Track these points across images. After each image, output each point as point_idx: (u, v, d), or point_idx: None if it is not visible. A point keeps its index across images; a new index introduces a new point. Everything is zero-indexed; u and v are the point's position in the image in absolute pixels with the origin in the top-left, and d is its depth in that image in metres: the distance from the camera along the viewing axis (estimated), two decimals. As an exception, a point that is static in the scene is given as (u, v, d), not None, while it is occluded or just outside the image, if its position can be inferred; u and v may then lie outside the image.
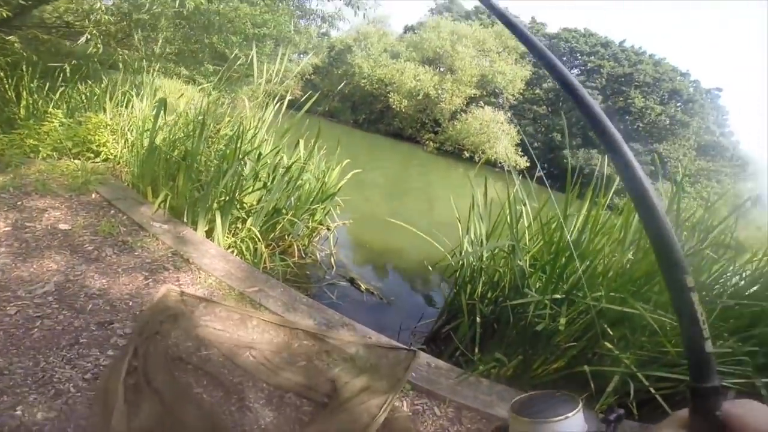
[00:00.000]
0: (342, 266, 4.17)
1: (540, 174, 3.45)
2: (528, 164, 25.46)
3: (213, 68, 7.34)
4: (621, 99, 28.93)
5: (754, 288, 2.51)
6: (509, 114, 27.82)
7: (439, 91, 27.92)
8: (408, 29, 39.27)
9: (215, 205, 3.35)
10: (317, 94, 4.82)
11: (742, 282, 2.65)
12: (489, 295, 2.92)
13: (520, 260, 2.63)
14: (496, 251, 3.03)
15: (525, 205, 3.18)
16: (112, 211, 3.25)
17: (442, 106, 27.88)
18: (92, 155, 4.22)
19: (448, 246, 3.35)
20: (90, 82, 4.96)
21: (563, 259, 2.51)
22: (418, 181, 15.49)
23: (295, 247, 4.00)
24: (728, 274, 2.71)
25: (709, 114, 30.23)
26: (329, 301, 3.39)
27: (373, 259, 5.20)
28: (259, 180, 3.81)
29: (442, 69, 31.10)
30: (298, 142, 4.29)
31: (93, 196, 3.42)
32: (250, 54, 4.28)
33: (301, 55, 31.43)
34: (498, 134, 24.60)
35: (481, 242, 3.15)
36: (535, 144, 28.56)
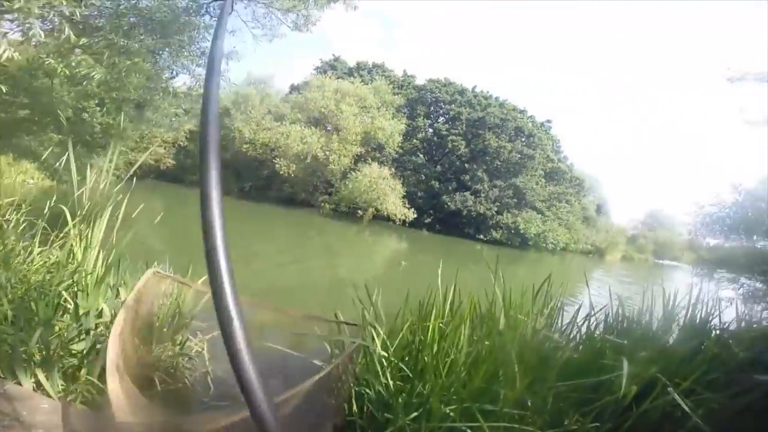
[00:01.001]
0: (221, 383, 3.31)
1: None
2: (415, 215, 27.79)
3: (58, 138, 6.57)
4: (479, 141, 33.22)
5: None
6: (392, 168, 29.89)
7: (327, 152, 28.75)
8: (294, 89, 39.69)
9: (36, 357, 2.68)
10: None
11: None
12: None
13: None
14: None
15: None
16: None
17: (331, 167, 28.69)
18: None
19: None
20: None
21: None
22: (315, 248, 15.56)
23: (156, 378, 3.16)
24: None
25: (547, 144, 36.79)
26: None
27: (269, 360, 4.97)
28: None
29: (328, 128, 32.17)
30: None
31: None
32: (104, 121, 3.75)
33: (173, 120, 29.27)
34: (386, 190, 26.26)
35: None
36: (419, 194, 31.18)
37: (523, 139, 34.35)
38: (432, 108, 37.14)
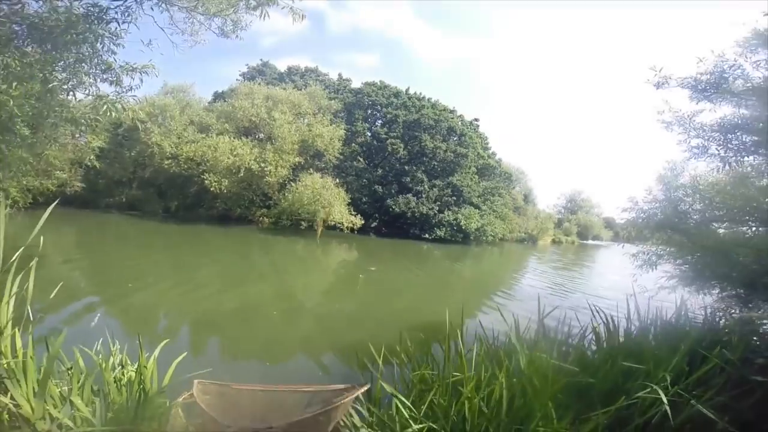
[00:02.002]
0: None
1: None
2: (363, 221, 27.30)
3: None
4: (416, 143, 33.83)
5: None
6: (335, 177, 29.07)
7: (262, 164, 27.00)
8: (218, 96, 36.89)
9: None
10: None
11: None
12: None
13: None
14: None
15: None
16: None
17: (268, 179, 27.02)
18: None
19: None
20: None
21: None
22: (261, 267, 14.33)
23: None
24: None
25: (477, 142, 38.64)
26: None
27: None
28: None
29: (261, 137, 30.27)
30: None
31: None
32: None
33: (78, 136, 25.71)
34: (330, 199, 25.41)
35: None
36: (363, 199, 30.80)
37: (455, 138, 35.65)
38: (369, 111, 36.98)
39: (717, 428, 2.53)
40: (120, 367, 2.97)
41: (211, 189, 25.89)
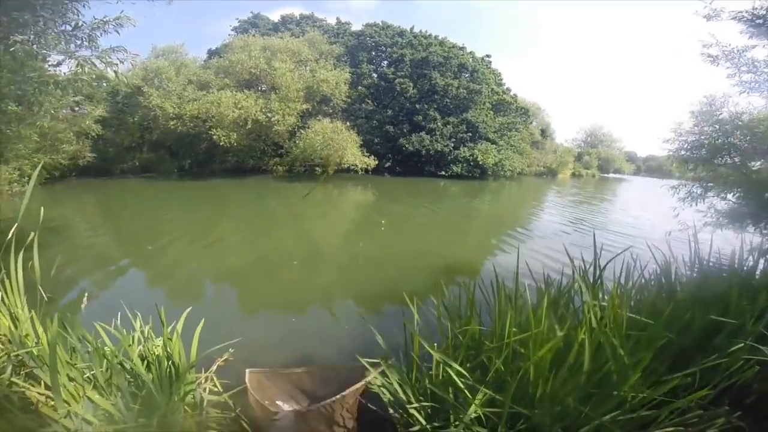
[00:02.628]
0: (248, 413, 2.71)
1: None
2: (376, 161, 26.53)
3: None
4: (426, 81, 32.37)
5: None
6: (344, 120, 28.09)
7: (269, 114, 26.12)
8: (213, 54, 35.36)
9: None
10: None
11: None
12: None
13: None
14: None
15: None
16: None
17: (277, 129, 26.24)
18: None
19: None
20: None
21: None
22: (278, 214, 14.04)
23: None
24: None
25: (490, 78, 36.83)
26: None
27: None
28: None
29: (263, 89, 29.22)
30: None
31: None
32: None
33: (78, 109, 25.22)
34: (342, 143, 24.59)
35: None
36: (375, 140, 29.85)
37: (467, 75, 34.14)
38: (374, 53, 35.28)
39: None
40: (144, 342, 2.70)
41: (221, 143, 25.32)
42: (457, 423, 2.07)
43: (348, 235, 10.85)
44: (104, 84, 31.82)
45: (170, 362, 2.45)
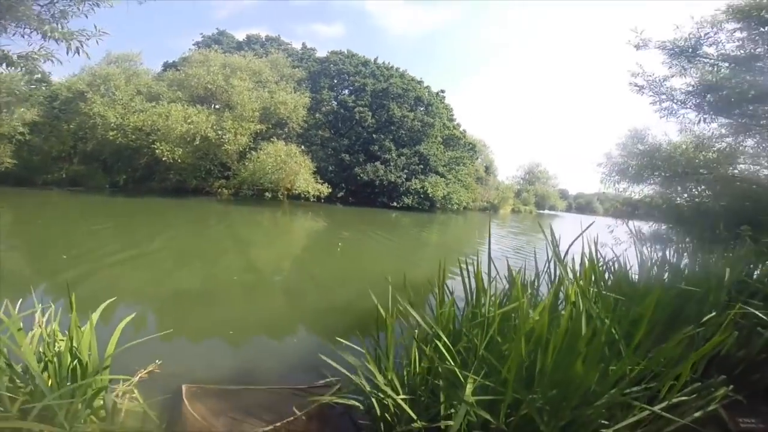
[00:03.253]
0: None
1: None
2: (330, 189, 26.67)
3: None
4: (384, 112, 33.46)
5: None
6: (299, 145, 28.06)
7: (219, 132, 25.40)
8: (169, 66, 34.10)
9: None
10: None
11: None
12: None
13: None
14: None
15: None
16: None
17: (226, 148, 25.52)
18: None
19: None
20: None
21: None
22: (222, 238, 13.18)
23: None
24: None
25: (443, 113, 38.90)
26: None
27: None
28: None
29: (217, 107, 28.49)
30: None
31: None
32: None
33: (5, 111, 22.98)
34: (295, 167, 24.49)
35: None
36: (330, 168, 30.06)
37: (422, 108, 35.79)
38: (336, 80, 35.92)
39: None
40: (48, 340, 2.29)
41: (163, 159, 24.00)
42: (452, 411, 1.98)
43: (297, 261, 10.61)
44: (44, 86, 29.52)
45: (76, 360, 2.08)
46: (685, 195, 6.59)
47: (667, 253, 4.14)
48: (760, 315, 2.53)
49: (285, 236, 15.47)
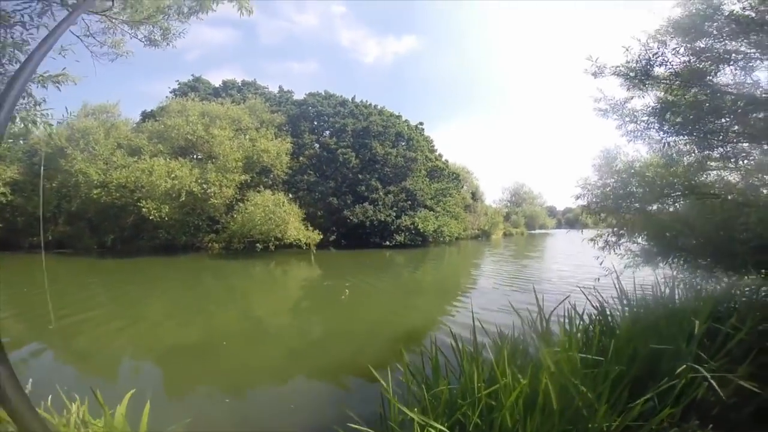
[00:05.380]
0: None
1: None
2: (320, 235, 26.56)
3: None
4: (367, 151, 33.65)
5: None
6: (285, 192, 28.07)
7: (204, 185, 25.28)
8: (147, 116, 34.04)
9: None
10: None
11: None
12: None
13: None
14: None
15: None
16: None
17: (213, 201, 25.38)
18: None
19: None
20: None
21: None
22: (216, 293, 13.11)
23: None
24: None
25: (424, 146, 39.34)
26: None
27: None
28: None
29: (199, 157, 28.45)
30: None
31: None
32: None
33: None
34: (284, 217, 24.40)
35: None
36: (319, 213, 30.03)
37: (403, 144, 36.00)
38: (316, 122, 36.18)
39: (758, 399, 2.54)
40: (83, 426, 2.50)
41: (150, 217, 23.71)
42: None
43: (295, 313, 10.68)
44: (21, 141, 29.06)
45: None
46: (664, 216, 6.33)
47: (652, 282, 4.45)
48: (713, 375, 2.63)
49: (278, 289, 15.29)
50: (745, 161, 6.09)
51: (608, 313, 3.99)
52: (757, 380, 2.55)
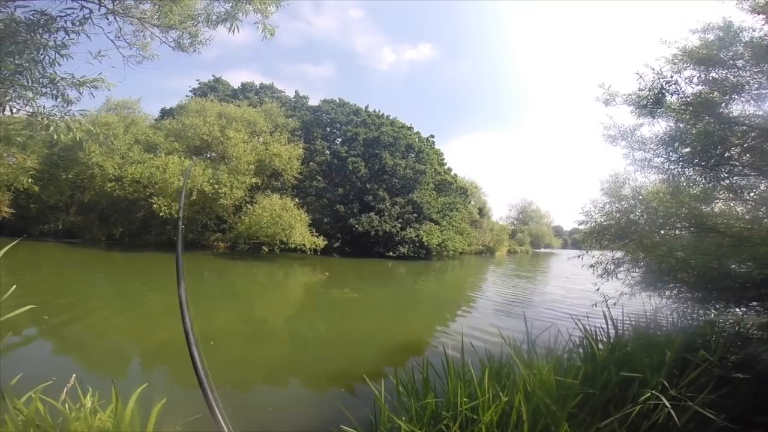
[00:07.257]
0: None
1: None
2: (325, 241, 26.81)
3: None
4: (376, 161, 34.07)
5: None
6: (294, 197, 28.46)
7: (216, 186, 25.77)
8: (166, 114, 34.86)
9: None
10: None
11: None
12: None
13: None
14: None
15: None
16: None
17: (223, 202, 25.83)
18: None
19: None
20: None
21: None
22: (219, 292, 13.39)
23: None
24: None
25: (433, 158, 39.67)
26: None
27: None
28: None
29: (213, 157, 29.02)
30: None
31: None
32: None
33: (8, 156, 23.18)
34: (291, 221, 24.72)
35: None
36: (325, 219, 30.34)
37: (413, 155, 36.23)
38: (328, 129, 36.74)
39: (715, 425, 2.76)
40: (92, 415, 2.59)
41: (160, 214, 24.15)
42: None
43: (294, 317, 10.77)
44: (60, 136, 29.73)
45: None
46: (663, 247, 6.53)
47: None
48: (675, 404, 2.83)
49: (281, 291, 15.47)
50: (752, 193, 6.14)
51: (594, 338, 4.23)
52: (716, 408, 2.75)
